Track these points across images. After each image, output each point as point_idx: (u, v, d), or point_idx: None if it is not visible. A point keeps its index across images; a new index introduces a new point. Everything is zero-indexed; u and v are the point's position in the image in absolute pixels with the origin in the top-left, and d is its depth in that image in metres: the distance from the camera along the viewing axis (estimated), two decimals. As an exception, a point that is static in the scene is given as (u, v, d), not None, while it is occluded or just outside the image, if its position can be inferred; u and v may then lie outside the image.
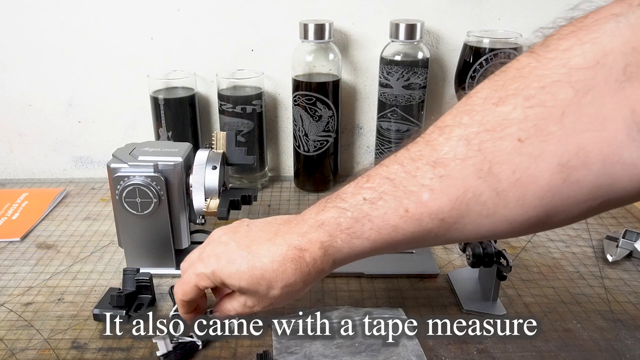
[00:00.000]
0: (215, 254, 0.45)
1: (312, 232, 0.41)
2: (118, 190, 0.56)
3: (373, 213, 0.39)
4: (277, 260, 0.42)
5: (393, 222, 0.38)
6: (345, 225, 0.40)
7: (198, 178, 0.58)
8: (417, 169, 0.37)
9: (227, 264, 0.43)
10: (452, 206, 0.36)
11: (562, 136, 0.32)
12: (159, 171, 0.56)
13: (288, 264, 0.41)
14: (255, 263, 0.42)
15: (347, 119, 0.88)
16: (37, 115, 0.86)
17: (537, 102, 0.33)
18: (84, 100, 0.85)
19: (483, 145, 0.34)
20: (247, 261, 0.42)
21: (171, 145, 0.60)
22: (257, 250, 0.43)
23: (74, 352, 0.50)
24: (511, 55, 0.72)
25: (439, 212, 0.36)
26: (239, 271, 0.43)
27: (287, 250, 0.42)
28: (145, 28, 0.81)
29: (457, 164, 0.35)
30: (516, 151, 0.33)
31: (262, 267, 0.42)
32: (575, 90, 0.32)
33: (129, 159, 0.57)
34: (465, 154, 0.35)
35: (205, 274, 0.45)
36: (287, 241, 0.42)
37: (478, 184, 0.35)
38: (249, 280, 0.42)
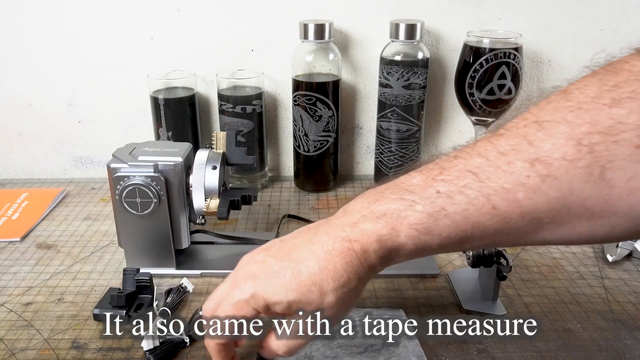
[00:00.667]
0: (251, 274, 0.39)
1: (366, 223, 0.37)
2: (118, 190, 0.56)
3: (451, 208, 0.35)
4: (323, 257, 0.37)
5: (475, 218, 0.35)
6: (414, 220, 0.36)
7: (198, 178, 0.58)
8: (509, 163, 0.34)
9: (268, 279, 0.38)
10: (551, 207, 0.33)
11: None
12: (159, 171, 0.56)
13: (337, 260, 0.37)
14: (300, 269, 0.37)
15: (347, 119, 0.88)
16: (37, 115, 0.86)
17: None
18: (84, 100, 0.85)
19: (595, 148, 0.32)
20: (290, 270, 0.37)
21: (171, 145, 0.60)
22: (298, 256, 0.38)
23: (74, 352, 0.50)
24: (511, 55, 0.72)
25: (534, 211, 0.34)
26: (284, 283, 0.37)
27: (334, 244, 0.37)
28: (145, 28, 0.81)
29: (564, 164, 0.32)
30: (634, 158, 0.31)
31: (308, 270, 0.37)
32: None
33: (129, 159, 0.57)
34: (574, 154, 0.32)
35: (245, 300, 0.38)
36: (332, 235, 0.37)
37: (585, 187, 0.32)
38: (298, 290, 0.37)
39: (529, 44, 0.82)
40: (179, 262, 0.62)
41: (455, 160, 0.36)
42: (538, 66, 0.85)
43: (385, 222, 0.36)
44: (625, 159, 0.31)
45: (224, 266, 0.63)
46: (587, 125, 0.32)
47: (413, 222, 0.36)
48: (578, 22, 0.82)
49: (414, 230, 0.36)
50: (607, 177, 0.32)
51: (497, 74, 0.73)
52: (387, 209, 0.37)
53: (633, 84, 0.32)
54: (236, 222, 0.75)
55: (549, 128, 0.33)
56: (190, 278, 0.59)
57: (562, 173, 0.32)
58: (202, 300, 0.57)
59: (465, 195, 0.35)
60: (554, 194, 0.33)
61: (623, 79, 0.32)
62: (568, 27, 0.82)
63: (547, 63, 0.84)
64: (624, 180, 0.31)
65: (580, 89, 0.34)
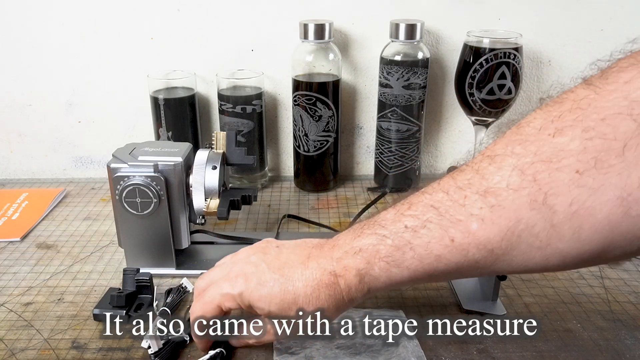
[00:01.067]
0: (244, 274, 0.43)
1: (347, 258, 0.40)
2: (118, 190, 0.56)
3: (415, 241, 0.37)
4: (310, 285, 0.40)
5: (437, 251, 0.37)
6: (385, 253, 0.39)
7: (198, 178, 0.58)
8: (465, 197, 0.36)
9: (258, 285, 0.42)
10: (502, 237, 0.35)
11: (624, 169, 0.31)
12: (159, 171, 0.56)
13: (322, 290, 0.40)
14: (288, 287, 0.41)
15: (347, 119, 0.88)
16: (37, 115, 0.86)
17: (596, 134, 0.32)
18: (84, 100, 0.85)
19: (538, 176, 0.33)
20: (279, 284, 0.41)
21: (171, 145, 0.60)
22: (289, 274, 0.41)
23: (74, 352, 0.50)
24: (511, 55, 0.72)
25: (487, 242, 0.35)
26: (271, 294, 0.41)
27: (322, 275, 0.40)
28: (145, 28, 0.81)
29: (510, 194, 0.34)
30: (574, 183, 0.32)
31: (295, 291, 0.41)
32: (637, 124, 0.31)
33: (129, 159, 0.57)
34: (519, 184, 0.34)
35: (232, 295, 0.43)
36: (322, 266, 0.41)
37: (531, 215, 0.34)
38: (280, 304, 0.41)
39: (529, 44, 0.82)
40: (179, 262, 0.62)
41: (421, 196, 0.39)
42: (538, 66, 0.85)
43: (362, 256, 0.40)
44: (566, 184, 0.33)
45: (224, 266, 0.63)
46: (531, 155, 0.34)
47: (383, 256, 0.39)
48: (578, 22, 0.82)
49: (385, 263, 0.39)
50: (550, 203, 0.33)
51: (497, 74, 0.73)
52: (363, 244, 0.40)
53: (575, 112, 0.33)
54: (236, 222, 0.75)
55: (498, 161, 0.36)
56: (190, 278, 0.59)
57: (509, 202, 0.34)
58: (202, 300, 0.57)
59: (428, 229, 0.37)
60: (503, 222, 0.35)
61: (567, 109, 0.34)
62: (568, 27, 0.82)
63: (547, 63, 0.84)
64: (566, 204, 0.33)
65: (529, 122, 0.36)
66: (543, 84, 0.86)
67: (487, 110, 0.77)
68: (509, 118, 0.88)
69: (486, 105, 0.76)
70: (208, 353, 0.48)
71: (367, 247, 0.40)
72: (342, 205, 0.80)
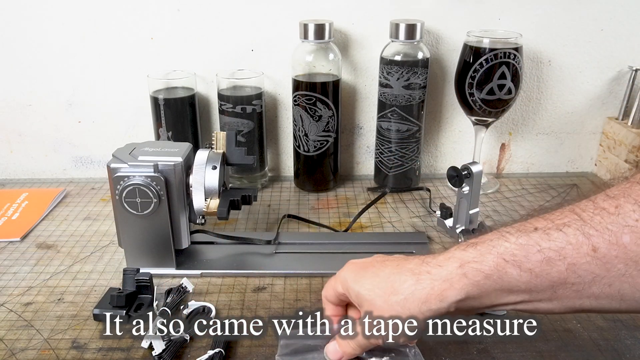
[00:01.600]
0: (362, 268, 0.42)
1: (457, 251, 0.37)
2: (118, 190, 0.56)
3: (544, 244, 0.33)
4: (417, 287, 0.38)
5: (571, 259, 0.32)
6: (502, 250, 0.34)
7: (198, 178, 0.58)
8: (618, 207, 0.32)
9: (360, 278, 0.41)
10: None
11: None
12: (159, 171, 0.56)
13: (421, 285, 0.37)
14: (395, 284, 0.39)
15: (347, 119, 0.88)
16: (37, 115, 0.86)
17: None
18: (84, 100, 0.85)
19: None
20: (386, 278, 0.39)
21: (171, 145, 0.60)
22: (400, 277, 0.39)
23: (74, 352, 0.50)
24: (511, 55, 0.72)
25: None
26: (375, 283, 0.40)
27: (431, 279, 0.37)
28: (145, 28, 0.81)
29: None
30: None
31: (402, 289, 0.38)
32: None
33: (129, 159, 0.57)
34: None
35: (339, 279, 0.43)
36: (433, 274, 0.38)
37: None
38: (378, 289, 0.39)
39: (529, 44, 0.82)
40: (179, 262, 0.62)
41: (560, 208, 0.35)
42: (538, 66, 0.85)
43: (474, 249, 0.36)
44: None
45: (224, 266, 0.63)
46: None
47: (501, 252, 0.34)
48: (578, 22, 0.82)
49: (501, 260, 0.34)
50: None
51: (497, 74, 0.73)
52: (479, 240, 0.36)
53: None
54: (236, 222, 0.75)
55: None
56: (190, 278, 0.59)
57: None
58: (202, 300, 0.57)
59: (564, 233, 0.33)
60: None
61: None
62: (568, 27, 0.82)
63: (547, 63, 0.84)
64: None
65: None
66: (543, 84, 0.86)
67: (487, 110, 0.77)
68: (509, 118, 0.88)
69: (486, 105, 0.76)
70: (207, 353, 0.48)
71: (482, 241, 0.36)
72: (342, 205, 0.80)
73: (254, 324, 0.51)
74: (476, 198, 0.67)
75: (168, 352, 0.48)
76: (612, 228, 0.31)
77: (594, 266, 0.32)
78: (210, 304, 0.56)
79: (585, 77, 0.86)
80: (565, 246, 0.32)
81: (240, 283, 0.61)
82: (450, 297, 0.36)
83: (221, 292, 0.59)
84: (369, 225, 0.74)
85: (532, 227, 0.34)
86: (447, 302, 0.36)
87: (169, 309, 0.53)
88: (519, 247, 0.34)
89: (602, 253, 0.31)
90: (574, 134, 0.90)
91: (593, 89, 0.87)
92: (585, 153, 0.92)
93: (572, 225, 0.32)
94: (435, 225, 0.74)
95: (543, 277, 0.33)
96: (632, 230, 0.31)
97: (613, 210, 0.32)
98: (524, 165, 0.93)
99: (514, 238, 0.34)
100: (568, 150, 0.92)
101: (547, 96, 0.87)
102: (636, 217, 0.31)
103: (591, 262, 0.32)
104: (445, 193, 0.84)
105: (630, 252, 0.31)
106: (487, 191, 0.84)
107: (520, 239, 0.34)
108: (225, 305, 0.57)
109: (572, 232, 0.32)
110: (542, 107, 0.88)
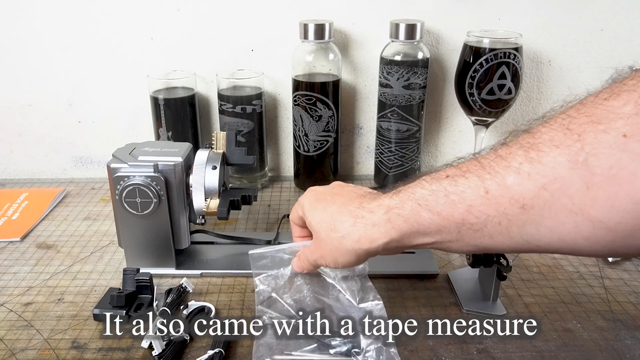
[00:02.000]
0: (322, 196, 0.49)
1: (385, 199, 0.43)
2: (118, 190, 0.56)
3: (450, 189, 0.38)
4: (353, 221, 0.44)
5: (470, 200, 0.37)
6: (419, 195, 0.40)
7: (198, 178, 0.58)
8: (510, 153, 0.36)
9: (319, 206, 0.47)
10: (536, 193, 0.34)
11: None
12: (159, 171, 0.56)
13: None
14: (337, 223, 0.45)
15: (347, 119, 0.88)
16: (37, 115, 0.86)
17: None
18: (84, 100, 0.85)
19: (584, 136, 0.33)
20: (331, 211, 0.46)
21: (171, 145, 0.60)
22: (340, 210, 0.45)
23: (74, 352, 0.50)
24: (511, 55, 0.72)
25: (520, 197, 0.35)
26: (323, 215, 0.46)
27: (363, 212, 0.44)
28: (145, 28, 0.81)
29: (552, 150, 0.34)
30: (618, 146, 0.31)
31: (341, 228, 0.44)
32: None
33: (129, 159, 0.57)
34: (562, 141, 0.34)
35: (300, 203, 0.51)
36: (364, 206, 0.44)
37: (569, 174, 0.33)
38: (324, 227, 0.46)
39: (529, 44, 0.82)
40: (179, 262, 0.62)
41: (468, 159, 0.40)
42: (538, 66, 0.85)
43: (397, 197, 0.42)
44: (610, 146, 0.32)
45: (224, 266, 0.63)
46: (583, 117, 0.34)
47: (418, 197, 0.40)
48: (578, 22, 0.82)
49: (416, 205, 0.40)
50: (590, 164, 0.32)
51: (497, 74, 0.73)
52: (403, 187, 0.42)
53: (636, 78, 0.33)
54: (236, 222, 0.75)
55: (551, 122, 0.36)
56: (190, 278, 0.59)
57: (550, 159, 0.34)
58: (202, 300, 0.57)
59: (466, 178, 0.38)
60: (539, 178, 0.34)
61: (630, 77, 0.33)
62: (568, 27, 0.82)
63: (547, 63, 0.84)
64: (606, 167, 0.32)
65: (595, 93, 0.35)
66: (543, 84, 0.86)
67: (487, 110, 0.77)
68: (509, 118, 0.88)
69: (486, 105, 0.76)
70: (207, 353, 0.48)
71: (405, 189, 0.41)
72: (342, 205, 0.80)
73: (254, 324, 0.51)
74: (476, 198, 0.67)
75: (168, 352, 0.48)
76: (500, 170, 0.36)
77: (487, 207, 0.36)
78: (210, 304, 0.56)
79: (585, 77, 0.86)
80: (466, 190, 0.37)
81: (240, 283, 0.60)
82: (378, 240, 0.42)
83: (221, 292, 0.59)
84: (369, 225, 0.74)
85: (444, 175, 0.39)
86: (376, 244, 0.42)
87: (169, 309, 0.53)
88: (430, 193, 0.39)
89: (492, 194, 0.36)
90: (574, 134, 0.90)
91: (593, 89, 0.87)
92: (585, 153, 0.92)
93: (473, 172, 0.37)
94: (435, 225, 0.74)
95: (448, 219, 0.38)
96: (516, 172, 0.35)
97: (505, 156, 0.36)
98: (524, 165, 0.93)
99: (427, 185, 0.40)
100: (568, 150, 0.91)
101: (547, 96, 0.87)
102: (520, 160, 0.35)
103: (484, 202, 0.36)
104: (445, 193, 0.84)
105: (513, 192, 0.35)
106: (487, 191, 0.84)
107: (432, 186, 0.39)
108: (225, 305, 0.57)
109: (472, 177, 0.37)
110: (542, 107, 0.88)
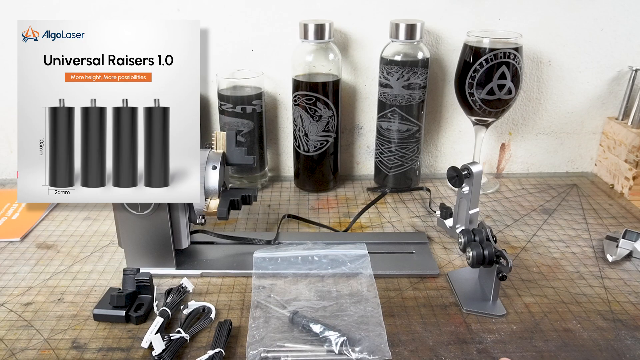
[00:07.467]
0: None
1: None
2: (118, 190, 0.56)
3: None
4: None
5: None
6: None
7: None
8: None
9: None
10: None
11: None
12: (159, 171, 0.56)
13: None
14: None
15: (347, 119, 0.88)
16: (37, 115, 0.86)
17: None
18: (84, 100, 0.85)
19: None
20: None
21: (171, 145, 0.60)
22: None
23: (74, 352, 0.50)
24: (511, 55, 0.72)
25: None
26: None
27: None
28: (145, 28, 0.81)
29: None
30: None
31: None
32: None
33: (129, 159, 0.57)
34: None
35: None
36: None
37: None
38: None
39: (529, 44, 0.82)
40: (179, 262, 0.62)
41: None
42: (538, 66, 0.85)
43: None
44: None
45: (224, 266, 0.63)
46: None
47: None
48: (578, 22, 0.82)
49: None
50: None
51: (497, 74, 0.73)
52: None
53: None
54: (236, 222, 0.75)
55: None
56: (190, 278, 0.59)
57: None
58: (202, 300, 0.57)
59: None
60: None
61: None
62: (568, 27, 0.82)
63: (547, 63, 0.84)
64: None
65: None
66: (543, 84, 0.86)
67: (487, 110, 0.77)
68: (509, 118, 0.88)
69: (486, 105, 0.76)
70: (207, 353, 0.48)
71: None
72: (342, 205, 0.80)
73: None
74: (476, 198, 0.67)
75: (168, 352, 0.48)
76: None
77: None
78: (210, 304, 0.56)
79: (585, 77, 0.86)
80: None
81: (240, 283, 0.61)
82: None
83: (221, 292, 0.59)
84: (369, 225, 0.74)
85: None
86: None
87: (169, 309, 0.53)
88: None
89: None
90: (574, 134, 0.90)
91: (593, 89, 0.87)
92: (585, 153, 0.92)
93: None
94: (435, 225, 0.74)
95: None
96: None
97: None
98: (524, 165, 0.93)
99: None
100: (568, 150, 0.92)
101: (547, 96, 0.87)
102: None
103: None
104: (445, 193, 0.84)
105: None
106: (487, 191, 0.84)
107: None
108: (225, 305, 0.57)
109: None
110: (542, 107, 0.88)
